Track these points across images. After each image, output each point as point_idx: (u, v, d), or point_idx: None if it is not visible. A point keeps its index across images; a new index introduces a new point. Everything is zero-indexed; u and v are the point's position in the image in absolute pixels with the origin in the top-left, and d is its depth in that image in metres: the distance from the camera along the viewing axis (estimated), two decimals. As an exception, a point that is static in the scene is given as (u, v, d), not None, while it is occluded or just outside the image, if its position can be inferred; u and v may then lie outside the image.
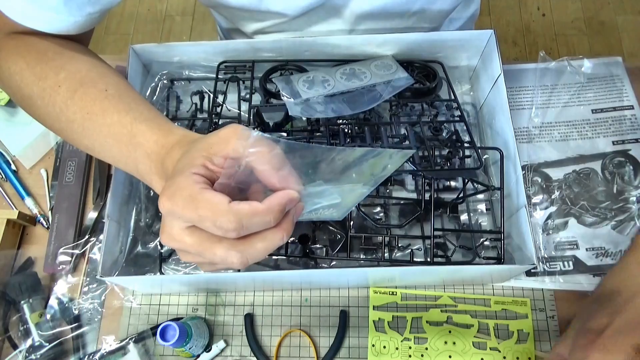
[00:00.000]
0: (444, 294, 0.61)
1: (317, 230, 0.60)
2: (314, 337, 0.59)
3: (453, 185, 0.64)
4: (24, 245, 0.65)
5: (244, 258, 0.34)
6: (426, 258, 0.60)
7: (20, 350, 0.58)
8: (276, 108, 0.61)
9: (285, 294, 0.61)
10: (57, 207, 0.66)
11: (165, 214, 0.34)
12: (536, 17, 1.81)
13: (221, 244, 0.34)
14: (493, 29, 0.62)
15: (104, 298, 0.61)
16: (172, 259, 0.61)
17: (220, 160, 0.35)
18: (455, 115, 0.65)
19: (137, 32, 1.84)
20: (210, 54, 0.65)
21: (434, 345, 0.58)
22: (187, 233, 0.34)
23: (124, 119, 0.45)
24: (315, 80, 0.61)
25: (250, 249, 0.34)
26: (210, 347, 0.58)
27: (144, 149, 0.43)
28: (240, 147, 0.34)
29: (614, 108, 0.69)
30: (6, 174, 0.69)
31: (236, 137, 0.35)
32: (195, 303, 0.61)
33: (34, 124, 0.70)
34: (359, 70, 0.63)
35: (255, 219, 0.33)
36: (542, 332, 0.58)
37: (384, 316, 0.60)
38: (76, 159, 0.68)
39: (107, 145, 0.46)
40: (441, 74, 0.67)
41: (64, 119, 0.48)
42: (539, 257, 0.61)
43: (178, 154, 0.39)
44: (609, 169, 0.66)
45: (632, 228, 0.62)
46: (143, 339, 0.59)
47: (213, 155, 0.35)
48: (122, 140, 0.45)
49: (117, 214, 0.57)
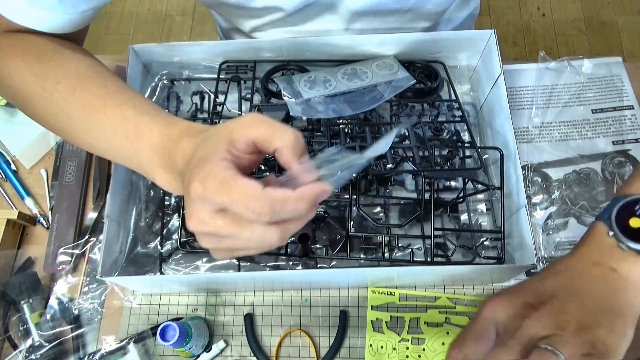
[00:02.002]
0: (443, 295, 0.61)
1: (317, 230, 0.60)
2: (314, 337, 0.59)
3: (453, 185, 0.64)
4: (24, 245, 0.65)
5: (282, 233, 0.35)
6: (426, 258, 0.60)
7: (20, 350, 0.58)
8: (277, 108, 0.62)
9: (285, 294, 0.61)
10: (57, 207, 0.66)
11: (196, 198, 0.34)
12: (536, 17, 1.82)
13: (257, 223, 0.34)
14: (493, 29, 0.62)
15: (104, 298, 0.61)
16: (172, 259, 0.61)
17: (242, 145, 0.36)
18: (456, 116, 0.65)
19: (137, 32, 1.84)
20: (211, 54, 0.65)
21: (431, 346, 0.58)
22: (219, 216, 0.34)
23: (126, 112, 0.45)
24: (317, 80, 0.61)
25: (288, 225, 0.35)
26: (210, 347, 0.58)
27: (148, 140, 0.43)
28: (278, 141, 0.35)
29: (614, 108, 0.69)
30: (6, 174, 0.69)
31: (258, 122, 0.36)
32: (195, 303, 0.61)
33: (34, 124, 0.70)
34: (361, 70, 0.63)
35: (289, 206, 0.33)
36: (542, 332, 0.58)
37: (382, 316, 0.60)
38: (76, 159, 0.68)
39: (109, 140, 0.46)
40: (442, 74, 0.67)
41: (64, 117, 0.48)
42: (539, 257, 0.61)
43: (189, 144, 0.39)
44: (609, 169, 0.66)
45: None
46: (143, 339, 0.59)
47: (235, 140, 0.36)
48: (124, 133, 0.44)
49: (116, 214, 0.57)
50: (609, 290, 0.41)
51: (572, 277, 0.43)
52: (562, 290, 0.43)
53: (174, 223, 0.62)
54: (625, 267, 0.41)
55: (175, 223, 0.62)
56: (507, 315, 0.42)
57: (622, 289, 0.41)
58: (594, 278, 0.42)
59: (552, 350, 0.38)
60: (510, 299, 0.43)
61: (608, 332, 0.39)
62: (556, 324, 0.40)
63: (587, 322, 0.40)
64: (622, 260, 0.41)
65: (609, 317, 0.40)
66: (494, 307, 0.43)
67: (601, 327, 0.39)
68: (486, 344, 0.42)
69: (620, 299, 0.41)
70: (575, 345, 0.38)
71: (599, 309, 0.40)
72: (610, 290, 0.41)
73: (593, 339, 0.39)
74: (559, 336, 0.39)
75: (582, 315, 0.40)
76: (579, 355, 0.38)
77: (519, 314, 0.41)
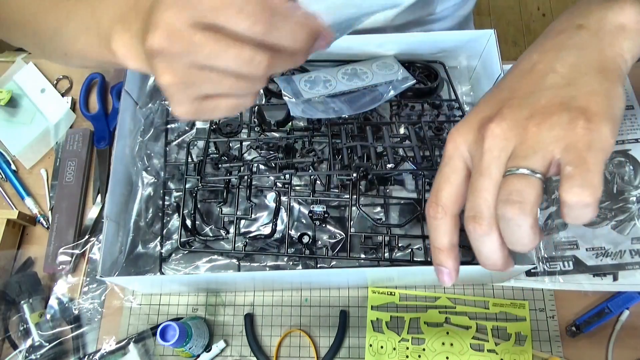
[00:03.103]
0: (443, 295, 0.61)
1: (317, 230, 0.61)
2: (314, 337, 0.59)
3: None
4: (24, 245, 0.65)
5: (269, 66, 0.28)
6: (426, 258, 0.60)
7: (20, 350, 0.58)
8: (277, 107, 0.62)
9: (285, 294, 0.61)
10: (57, 207, 0.66)
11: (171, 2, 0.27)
12: (536, 17, 1.82)
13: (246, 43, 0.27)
14: (493, 29, 0.62)
15: (104, 298, 0.61)
16: (172, 259, 0.61)
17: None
18: (456, 115, 0.65)
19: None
20: (211, 54, 0.65)
21: (431, 346, 0.58)
22: (198, 28, 0.27)
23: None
24: (317, 80, 0.61)
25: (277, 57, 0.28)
26: (210, 347, 0.58)
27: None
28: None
29: (614, 108, 0.69)
30: (6, 174, 0.69)
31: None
32: (195, 303, 0.61)
33: (34, 124, 0.71)
34: (361, 70, 0.63)
35: (289, 24, 0.28)
36: (542, 332, 0.58)
37: (382, 316, 0.60)
38: (76, 159, 0.68)
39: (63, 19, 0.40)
40: (442, 74, 0.67)
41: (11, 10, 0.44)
42: (539, 257, 0.61)
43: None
44: (609, 169, 0.66)
45: (632, 228, 0.62)
46: (143, 339, 0.59)
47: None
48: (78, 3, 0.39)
49: (116, 214, 0.57)
50: (577, 53, 0.33)
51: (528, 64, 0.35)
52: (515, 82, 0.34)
53: (174, 223, 0.62)
54: (595, 19, 0.34)
55: (175, 223, 0.62)
56: (468, 144, 0.34)
57: (593, 44, 0.34)
58: (555, 47, 0.34)
59: (521, 174, 0.30)
60: (467, 121, 0.34)
61: (587, 98, 0.31)
62: (515, 128, 0.32)
63: (557, 102, 0.31)
64: (589, 15, 0.35)
65: (583, 82, 0.32)
66: (454, 140, 0.34)
67: (575, 98, 0.31)
68: (461, 187, 0.34)
69: (592, 54, 0.33)
70: (548, 143, 0.30)
71: (566, 80, 0.32)
72: (579, 50, 0.33)
73: (567, 120, 0.30)
74: (523, 145, 0.31)
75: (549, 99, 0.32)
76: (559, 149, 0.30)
77: (478, 136, 0.33)
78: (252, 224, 0.62)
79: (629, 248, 0.61)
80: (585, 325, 0.58)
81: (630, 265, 0.60)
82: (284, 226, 0.60)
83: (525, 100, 0.33)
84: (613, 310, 0.58)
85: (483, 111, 0.34)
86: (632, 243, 0.61)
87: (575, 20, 0.35)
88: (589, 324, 0.58)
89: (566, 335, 0.58)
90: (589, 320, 0.58)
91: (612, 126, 0.30)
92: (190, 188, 0.61)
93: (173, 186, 0.64)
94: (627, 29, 0.34)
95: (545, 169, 0.31)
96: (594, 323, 0.58)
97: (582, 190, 0.29)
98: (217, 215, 0.62)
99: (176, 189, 0.64)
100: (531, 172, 0.30)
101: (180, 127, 0.67)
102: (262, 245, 0.60)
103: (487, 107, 0.34)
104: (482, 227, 0.32)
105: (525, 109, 0.32)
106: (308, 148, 0.61)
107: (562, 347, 0.58)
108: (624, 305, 0.58)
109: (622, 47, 0.34)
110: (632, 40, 0.34)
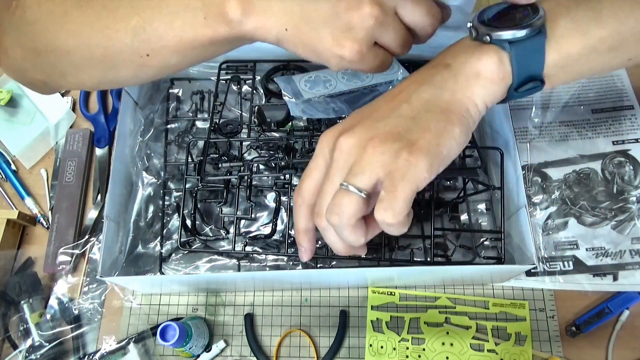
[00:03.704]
0: (443, 295, 0.61)
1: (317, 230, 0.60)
2: (314, 337, 0.59)
3: (453, 184, 0.64)
4: (24, 245, 0.65)
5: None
6: (426, 258, 0.60)
7: (20, 350, 0.58)
8: (277, 107, 0.62)
9: (285, 294, 0.61)
10: (57, 207, 0.66)
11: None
12: (536, 17, 1.81)
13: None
14: (493, 29, 0.61)
15: (104, 298, 0.61)
16: (172, 259, 0.61)
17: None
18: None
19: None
20: (211, 54, 0.65)
21: (431, 346, 0.58)
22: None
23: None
24: (317, 80, 0.61)
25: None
26: (210, 347, 0.58)
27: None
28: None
29: (613, 108, 0.69)
30: (6, 174, 0.69)
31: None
32: (195, 303, 0.61)
33: (34, 124, 0.71)
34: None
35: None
36: (542, 332, 0.58)
37: (382, 316, 0.60)
38: (76, 159, 0.68)
39: (149, 14, 0.38)
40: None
41: (105, 14, 0.40)
42: (539, 257, 0.61)
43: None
44: (609, 169, 0.66)
45: (632, 228, 0.62)
46: (143, 339, 0.59)
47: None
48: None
49: (115, 214, 0.57)
50: (433, 91, 0.36)
51: (397, 90, 0.38)
52: (381, 104, 0.38)
53: (174, 223, 0.62)
54: (459, 61, 0.37)
55: (175, 223, 0.62)
56: (330, 148, 0.37)
57: (450, 85, 0.36)
58: (420, 80, 0.37)
59: (346, 189, 0.34)
60: (335, 128, 0.38)
61: (419, 133, 0.34)
62: (358, 146, 0.35)
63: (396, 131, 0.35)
64: (457, 57, 0.37)
65: (424, 118, 0.35)
66: (321, 142, 0.38)
67: (411, 131, 0.34)
68: (320, 182, 0.38)
69: (445, 94, 0.36)
70: (376, 166, 0.34)
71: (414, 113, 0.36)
72: (436, 88, 0.36)
73: (396, 149, 0.34)
74: (358, 164, 0.35)
75: (393, 126, 0.35)
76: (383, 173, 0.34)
77: (334, 145, 0.37)
78: (252, 224, 0.62)
79: (629, 248, 0.61)
80: (585, 325, 0.58)
81: (630, 265, 0.60)
82: (284, 226, 0.60)
83: (377, 123, 0.36)
84: (613, 310, 0.58)
85: (348, 122, 0.38)
86: (632, 243, 0.61)
87: (447, 58, 0.38)
88: (589, 324, 0.58)
89: (566, 335, 0.58)
90: (589, 320, 0.58)
91: (430, 162, 0.34)
92: (190, 188, 0.61)
93: (173, 186, 0.64)
94: (481, 76, 0.37)
95: (371, 188, 0.34)
96: (594, 323, 0.58)
97: (385, 213, 0.33)
98: (217, 215, 0.62)
99: (176, 189, 0.64)
100: (357, 190, 0.34)
101: (180, 127, 0.67)
102: (262, 245, 0.60)
103: (352, 120, 0.38)
104: (322, 223, 0.38)
105: (372, 131, 0.35)
106: (308, 148, 0.61)
107: (562, 347, 0.58)
108: (624, 305, 0.58)
109: (474, 92, 0.37)
110: (484, 88, 0.37)
